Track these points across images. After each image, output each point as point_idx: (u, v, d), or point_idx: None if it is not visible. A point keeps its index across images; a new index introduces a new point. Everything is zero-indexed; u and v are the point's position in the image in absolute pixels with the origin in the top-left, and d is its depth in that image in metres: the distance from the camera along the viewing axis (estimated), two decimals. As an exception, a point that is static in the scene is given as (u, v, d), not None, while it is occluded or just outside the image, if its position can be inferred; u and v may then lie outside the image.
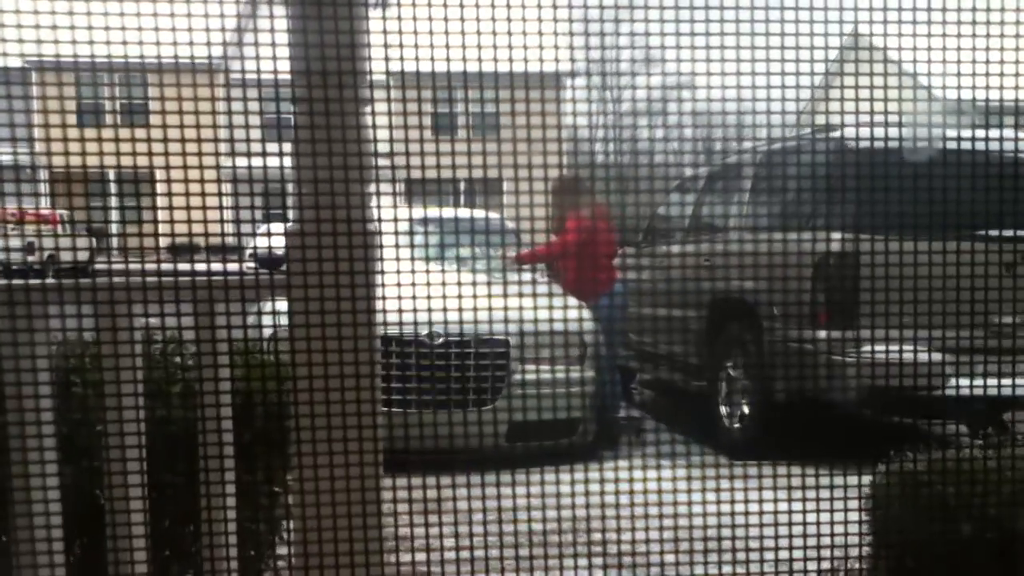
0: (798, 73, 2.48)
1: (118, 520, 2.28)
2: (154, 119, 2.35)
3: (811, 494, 2.60)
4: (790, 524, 2.54)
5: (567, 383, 4.98)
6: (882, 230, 2.80)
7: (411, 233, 5.25)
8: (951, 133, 3.24)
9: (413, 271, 2.37)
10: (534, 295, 5.07)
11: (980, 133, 3.52)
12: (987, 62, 2.55)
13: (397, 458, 2.57)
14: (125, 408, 2.25)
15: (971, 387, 3.55)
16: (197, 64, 2.34)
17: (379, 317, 2.26)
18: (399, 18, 2.23)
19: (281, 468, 2.70)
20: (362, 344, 2.21)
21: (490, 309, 2.58)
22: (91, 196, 2.79)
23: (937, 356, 3.34)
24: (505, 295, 2.69)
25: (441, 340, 4.83)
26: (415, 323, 2.28)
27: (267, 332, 2.78)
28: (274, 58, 2.26)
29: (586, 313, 5.45)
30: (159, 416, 2.52)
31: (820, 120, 5.37)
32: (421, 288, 2.48)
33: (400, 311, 2.32)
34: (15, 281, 2.29)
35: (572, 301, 5.68)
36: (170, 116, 2.26)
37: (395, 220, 2.48)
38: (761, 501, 2.56)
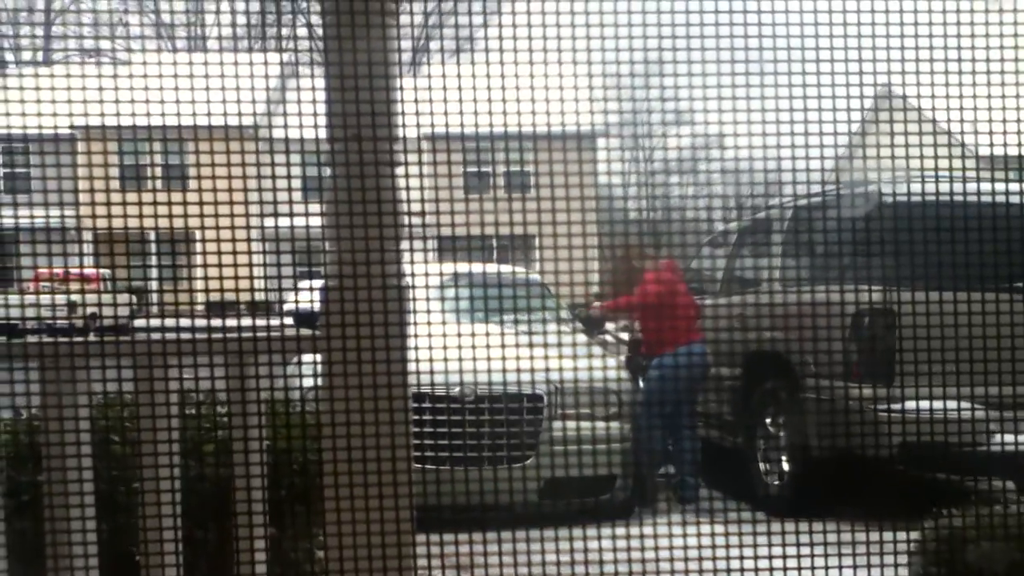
0: (834, 129, 2.50)
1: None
2: (194, 182, 2.42)
3: (853, 551, 2.54)
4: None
5: (602, 439, 4.93)
6: (920, 283, 2.78)
7: (442, 289, 5.29)
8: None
9: (444, 328, 2.38)
10: (558, 347, 5.07)
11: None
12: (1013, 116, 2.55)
13: (430, 515, 2.56)
14: (159, 464, 2.27)
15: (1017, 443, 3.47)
16: (236, 128, 2.41)
17: (412, 373, 2.27)
18: (430, 80, 2.29)
19: (314, 524, 2.70)
20: (396, 401, 2.22)
21: (518, 366, 2.58)
22: (132, 256, 2.86)
23: (981, 412, 3.27)
24: (531, 348, 2.70)
25: (472, 396, 4.83)
26: (447, 379, 2.29)
27: (301, 389, 2.80)
28: (314, 123, 2.33)
29: (618, 367, 5.42)
30: (194, 473, 2.54)
31: (852, 174, 5.36)
32: (453, 344, 2.50)
33: (431, 366, 2.33)
34: (57, 339, 2.34)
35: (607, 357, 5.65)
36: (210, 178, 2.32)
37: (426, 276, 2.51)
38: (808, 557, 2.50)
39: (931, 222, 2.76)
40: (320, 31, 2.33)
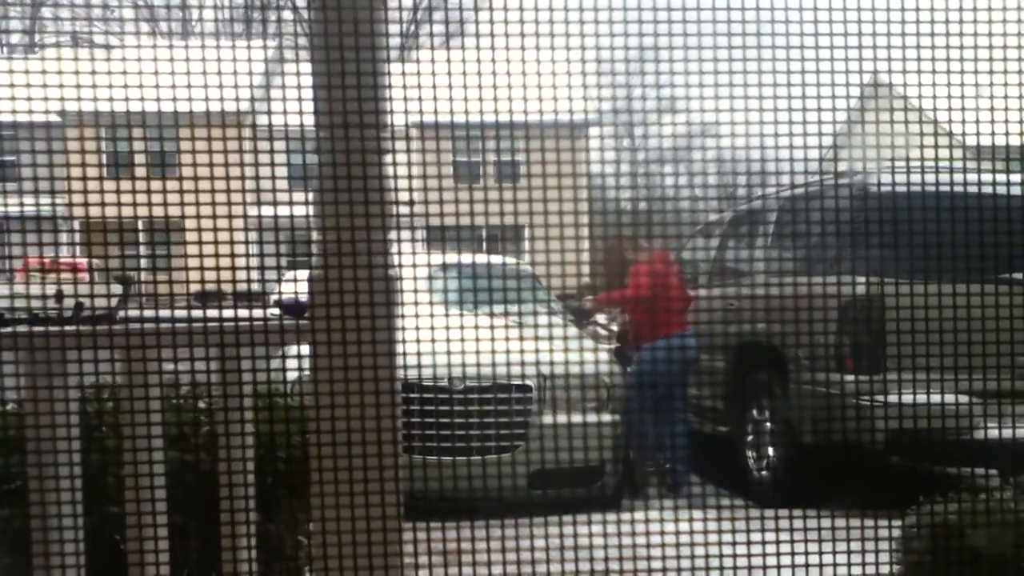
0: (831, 117, 2.49)
1: (138, 565, 2.28)
2: (181, 170, 2.40)
3: (839, 540, 2.55)
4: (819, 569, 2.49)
5: (592, 429, 4.94)
6: (908, 274, 2.78)
7: (431, 279, 5.27)
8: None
9: (432, 316, 2.38)
10: (550, 338, 5.07)
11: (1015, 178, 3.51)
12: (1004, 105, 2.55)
13: (418, 505, 2.55)
14: (144, 451, 2.26)
15: (1002, 431, 3.49)
16: (224, 116, 2.39)
17: (400, 362, 2.27)
18: (419, 68, 2.27)
19: (301, 515, 2.69)
20: (383, 389, 2.21)
21: (508, 352, 2.58)
22: (120, 245, 2.84)
23: (967, 400, 3.29)
24: (521, 338, 2.69)
25: (463, 386, 4.82)
26: (435, 368, 2.28)
27: (290, 378, 2.79)
28: (300, 110, 2.31)
29: (606, 356, 5.43)
30: (181, 462, 2.53)
31: (842, 164, 5.37)
32: (442, 333, 2.49)
33: (419, 356, 2.32)
34: (43, 328, 2.33)
35: (597, 347, 5.66)
36: (198, 167, 2.30)
37: (414, 265, 2.50)
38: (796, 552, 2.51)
39: (919, 212, 2.76)
40: (307, 17, 2.31)
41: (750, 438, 5.83)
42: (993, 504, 2.68)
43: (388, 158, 2.29)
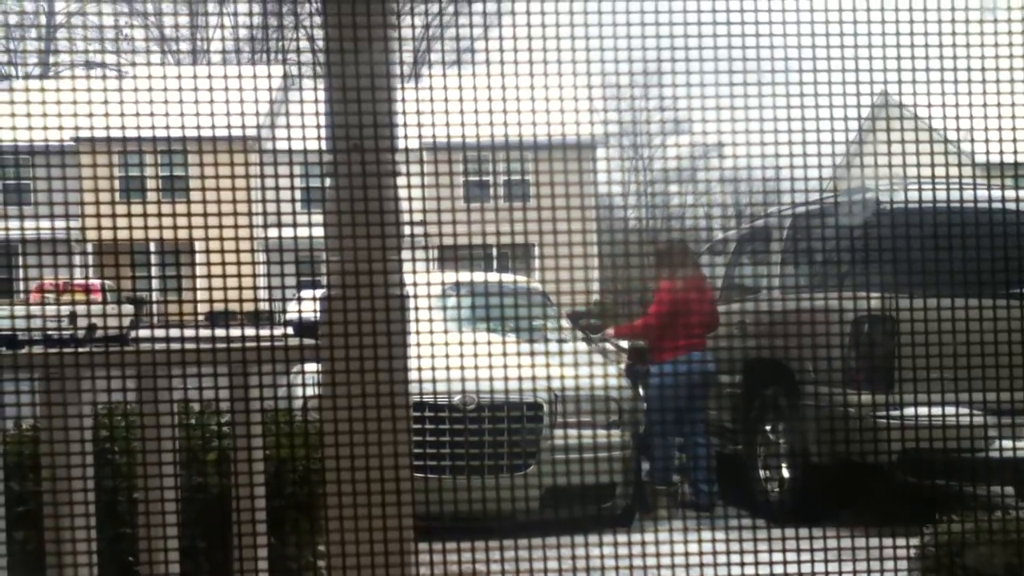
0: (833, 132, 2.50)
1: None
2: (194, 192, 2.43)
3: (853, 557, 2.54)
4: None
5: (603, 447, 4.92)
6: (920, 290, 2.78)
7: (443, 298, 5.29)
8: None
9: (447, 336, 2.39)
10: (560, 358, 5.06)
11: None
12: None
13: (429, 525, 2.56)
14: (162, 476, 2.27)
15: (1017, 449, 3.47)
16: (235, 138, 2.42)
17: (412, 382, 2.27)
18: (431, 89, 2.30)
19: (314, 535, 2.70)
20: (396, 410, 2.22)
21: (520, 375, 2.58)
22: (133, 267, 2.87)
23: (981, 418, 3.28)
24: (531, 356, 2.69)
25: (473, 405, 4.82)
26: (448, 388, 2.29)
27: (301, 399, 2.80)
28: (316, 132, 2.34)
29: (618, 375, 5.42)
30: (194, 483, 2.54)
31: (852, 181, 5.38)
32: (454, 353, 2.50)
33: (434, 375, 2.33)
34: (58, 350, 2.34)
35: (608, 365, 5.65)
36: (209, 189, 2.33)
37: (428, 285, 2.51)
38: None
39: (929, 229, 2.77)
40: (321, 43, 2.34)
41: (761, 456, 5.79)
42: (1008, 521, 2.66)
43: (400, 179, 2.31)
